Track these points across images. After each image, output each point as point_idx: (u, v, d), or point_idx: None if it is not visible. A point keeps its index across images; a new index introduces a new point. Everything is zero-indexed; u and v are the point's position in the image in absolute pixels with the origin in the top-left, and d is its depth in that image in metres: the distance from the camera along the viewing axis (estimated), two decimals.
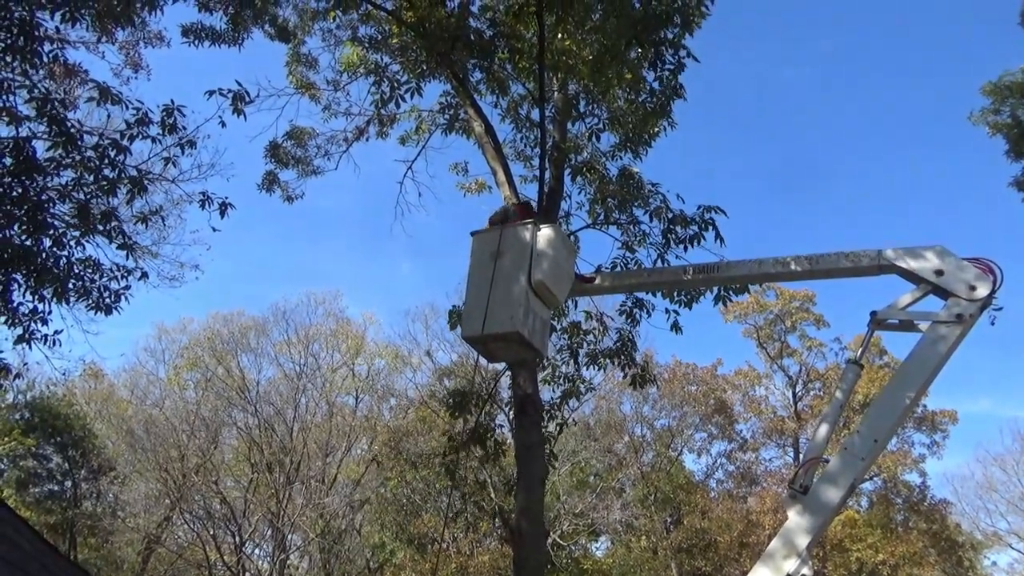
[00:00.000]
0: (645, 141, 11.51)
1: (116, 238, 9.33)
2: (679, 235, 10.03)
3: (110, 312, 9.62)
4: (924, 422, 31.70)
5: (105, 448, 33.04)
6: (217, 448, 32.29)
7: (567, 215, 12.45)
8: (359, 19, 12.78)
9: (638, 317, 11.74)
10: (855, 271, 7.65)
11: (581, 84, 10.70)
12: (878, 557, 28.76)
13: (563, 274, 7.57)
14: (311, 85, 14.03)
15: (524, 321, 6.92)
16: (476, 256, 7.44)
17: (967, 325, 6.75)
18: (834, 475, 6.70)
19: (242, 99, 8.89)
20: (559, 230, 8.11)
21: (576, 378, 12.12)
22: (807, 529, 6.53)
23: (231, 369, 32.31)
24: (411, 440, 29.74)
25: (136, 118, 8.58)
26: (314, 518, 29.91)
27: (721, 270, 8.41)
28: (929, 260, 7.09)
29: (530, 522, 8.90)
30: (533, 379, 10.11)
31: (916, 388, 6.89)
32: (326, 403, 33.65)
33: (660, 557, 30.85)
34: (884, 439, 6.96)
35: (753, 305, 32.93)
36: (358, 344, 35.11)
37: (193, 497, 30.49)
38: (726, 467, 35.17)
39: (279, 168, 14.30)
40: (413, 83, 11.09)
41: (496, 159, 11.54)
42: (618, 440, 34.63)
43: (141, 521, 31.67)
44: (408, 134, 13.71)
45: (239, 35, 12.01)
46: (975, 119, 15.92)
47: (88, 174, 8.73)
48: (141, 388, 36.21)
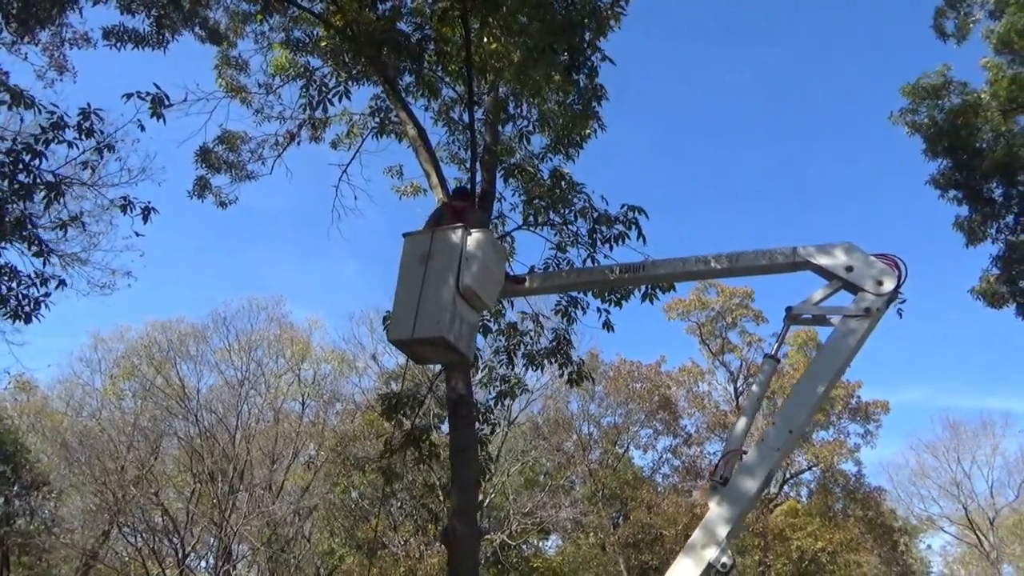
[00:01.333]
0: (576, 143, 11.68)
1: (33, 245, 9.06)
2: (604, 234, 10.20)
3: (29, 320, 9.33)
4: (858, 412, 32.80)
5: (39, 462, 31.84)
6: (158, 459, 31.50)
7: (501, 216, 12.54)
8: (289, 22, 12.66)
9: (574, 316, 11.89)
10: (772, 268, 7.91)
11: (510, 86, 10.79)
12: (817, 545, 29.66)
13: (492, 278, 7.64)
14: (242, 88, 13.83)
15: (450, 326, 6.98)
16: (407, 258, 7.48)
17: (874, 318, 7.05)
18: (751, 466, 6.91)
19: (161, 102, 8.72)
20: (490, 233, 8.18)
21: (512, 379, 12.20)
22: (727, 519, 6.72)
23: (170, 378, 31.56)
24: (358, 445, 29.48)
25: (51, 122, 8.35)
26: (260, 527, 29.42)
27: (646, 269, 8.61)
28: (839, 256, 7.38)
29: (464, 523, 8.93)
30: (467, 380, 10.15)
31: (828, 380, 7.16)
32: (271, 410, 33.15)
33: (608, 553, 31.23)
34: (799, 429, 7.19)
35: (695, 303, 33.62)
36: (303, 349, 34.70)
37: (133, 510, 29.66)
38: (672, 462, 35.85)
39: (211, 173, 14.06)
40: (341, 87, 11.03)
41: (429, 162, 11.54)
42: (567, 438, 34.95)
43: (78, 537, 30.71)
44: (340, 138, 13.64)
45: (162, 38, 11.77)
46: (895, 119, 16.56)
47: (2, 180, 8.46)
48: (76, 399, 35.15)
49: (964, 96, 15.95)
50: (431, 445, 11.30)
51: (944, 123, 16.01)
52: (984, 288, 16.56)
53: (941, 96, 15.94)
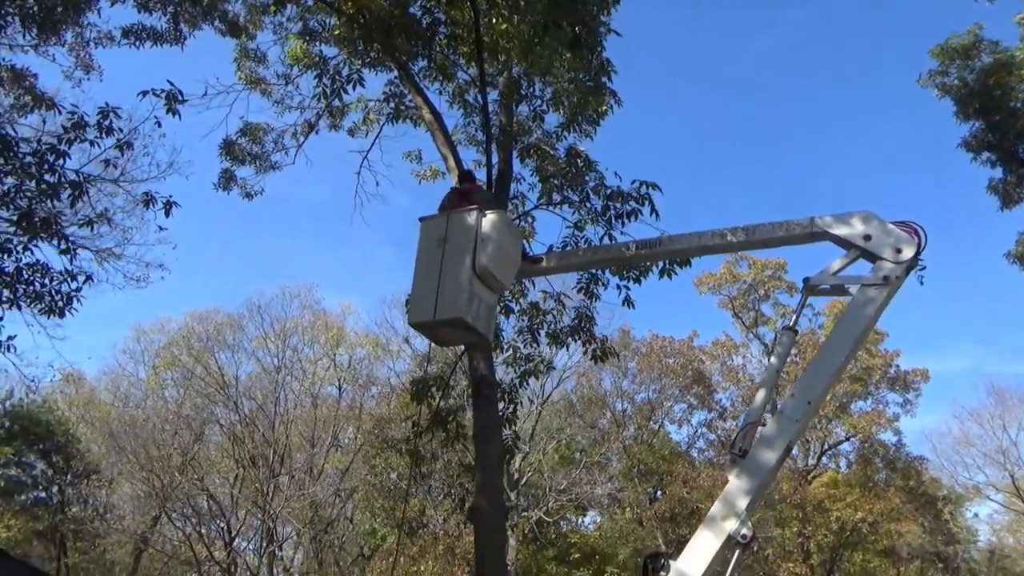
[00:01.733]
0: (592, 119, 11.62)
1: (60, 242, 9.35)
2: (618, 211, 10.16)
3: (63, 315, 9.69)
4: (897, 382, 32.25)
5: (89, 452, 33.02)
6: (201, 446, 32.34)
7: (520, 196, 12.57)
8: (303, 11, 12.74)
9: (596, 293, 11.89)
10: (789, 239, 7.83)
11: (521, 66, 10.76)
12: (857, 515, 29.36)
13: (508, 258, 7.71)
14: (261, 80, 13.96)
15: (468, 307, 7.08)
16: (423, 242, 7.58)
17: (894, 287, 6.95)
18: (770, 438, 6.90)
19: (175, 99, 8.89)
20: (504, 215, 8.23)
21: (536, 358, 12.27)
22: (746, 491, 6.74)
23: (210, 367, 32.30)
24: (395, 426, 29.90)
25: (72, 122, 8.57)
26: (302, 509, 30.11)
27: (663, 244, 8.59)
28: (857, 225, 7.28)
29: (489, 500, 9.08)
30: (488, 361, 10.25)
31: (847, 350, 7.10)
32: (309, 395, 33.78)
33: (646, 527, 31.33)
34: (817, 401, 7.16)
35: (726, 276, 33.27)
36: (338, 335, 35.20)
37: (180, 496, 30.57)
38: (707, 436, 35.70)
39: (235, 165, 14.27)
40: (355, 75, 11.10)
41: (446, 145, 11.59)
42: (601, 416, 35.02)
43: (129, 523, 31.76)
44: (357, 125, 13.73)
45: (180, 34, 11.95)
46: (923, 82, 16.11)
47: (28, 180, 8.73)
48: (122, 390, 36.22)
49: (996, 55, 15.44)
50: (458, 426, 11.45)
51: (975, 84, 15.54)
52: (1020, 251, 16.12)
53: (971, 56, 15.46)
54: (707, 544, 6.64)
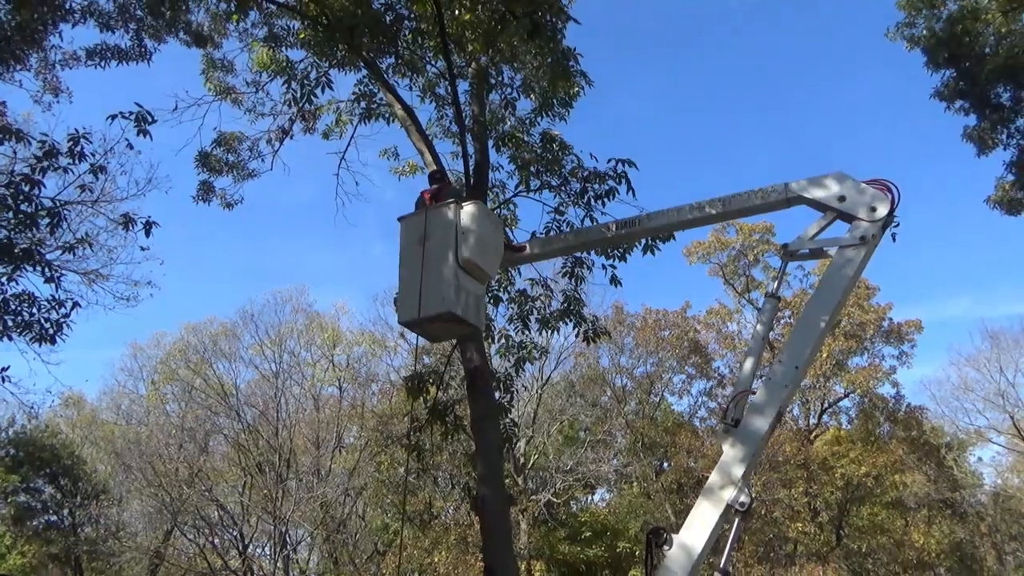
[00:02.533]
0: (565, 102, 11.63)
1: (44, 271, 9.36)
2: (596, 191, 10.22)
3: (53, 342, 9.71)
4: (891, 335, 32.46)
5: (96, 472, 33.11)
6: (207, 457, 32.44)
7: (500, 185, 12.61)
8: (266, 17, 12.66)
9: (581, 275, 11.97)
10: (766, 207, 7.93)
11: (488, 56, 10.76)
12: (861, 470, 29.65)
13: (491, 248, 7.77)
14: (231, 89, 13.90)
15: (456, 300, 7.16)
16: (405, 242, 7.64)
17: (871, 245, 7.04)
18: (761, 405, 7.02)
19: (144, 119, 8.87)
20: (482, 205, 8.27)
21: (527, 344, 12.36)
22: (741, 459, 6.86)
23: (209, 378, 32.34)
24: (399, 422, 30.03)
25: (44, 151, 8.56)
26: (313, 510, 30.28)
27: (642, 222, 8.67)
28: (831, 187, 7.36)
29: (492, 489, 9.20)
30: (481, 351, 10.33)
31: (829, 311, 7.19)
32: (311, 397, 33.85)
33: (654, 500, 31.61)
34: (805, 364, 7.27)
35: (715, 244, 33.36)
36: (334, 335, 35.22)
37: (190, 509, 30.68)
38: (708, 404, 35.91)
39: (213, 176, 14.23)
40: (324, 77, 11.08)
41: (421, 140, 11.61)
42: (602, 393, 35.20)
43: (142, 539, 31.90)
44: (330, 127, 13.71)
45: (145, 50, 11.88)
46: (891, 35, 16.12)
47: (5, 211, 8.73)
48: (124, 408, 36.29)
49: (961, 2, 15.45)
50: (455, 418, 11.54)
51: (944, 33, 15.53)
52: (1000, 196, 16.22)
53: (937, 5, 15.45)
54: (707, 515, 6.76)
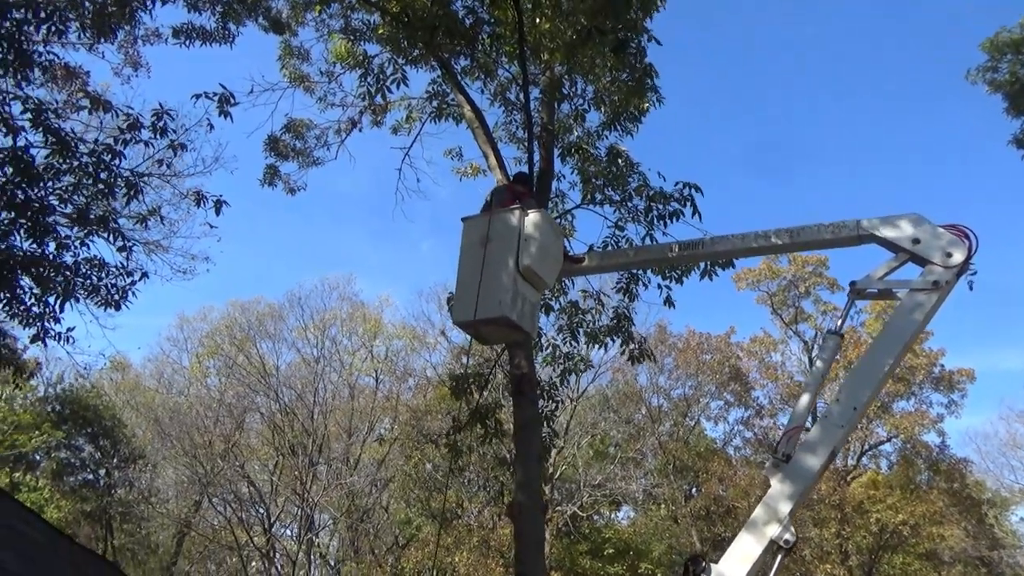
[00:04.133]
0: (633, 118, 11.56)
1: (116, 239, 9.66)
2: (660, 212, 10.12)
3: (119, 308, 9.99)
4: (941, 381, 31.54)
5: (135, 437, 33.94)
6: (242, 433, 33.04)
7: (561, 195, 12.60)
8: (345, 9, 12.87)
9: (635, 293, 11.88)
10: (835, 242, 7.76)
11: (564, 66, 10.76)
12: (898, 517, 28.83)
13: (551, 257, 7.75)
14: (305, 77, 14.16)
15: (512, 306, 7.14)
16: (466, 241, 7.65)
17: (944, 292, 6.85)
18: (814, 443, 6.86)
19: (227, 101, 9.08)
20: (546, 214, 8.28)
21: (575, 356, 12.30)
22: (789, 496, 6.71)
23: (251, 356, 32.95)
24: (432, 418, 30.21)
25: (128, 123, 8.83)
26: (340, 497, 30.62)
27: (705, 246, 8.56)
28: (905, 229, 7.18)
29: (528, 497, 9.15)
30: (529, 359, 10.30)
31: (894, 355, 7.00)
32: (347, 385, 34.24)
33: (681, 524, 31.20)
34: (863, 406, 7.08)
35: (765, 272, 32.84)
36: (375, 326, 35.59)
37: (221, 482, 31.29)
38: (744, 434, 35.37)
39: (279, 161, 14.52)
40: (399, 73, 11.21)
41: (487, 143, 11.65)
42: (636, 411, 34.90)
43: (173, 506, 32.65)
44: (400, 123, 13.85)
45: (229, 33, 12.17)
46: (972, 77, 15.69)
47: (86, 179, 9.03)
48: (166, 377, 37.15)
49: None
50: (497, 423, 11.54)
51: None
52: None
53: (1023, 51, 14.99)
54: (749, 548, 6.63)
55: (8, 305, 8.95)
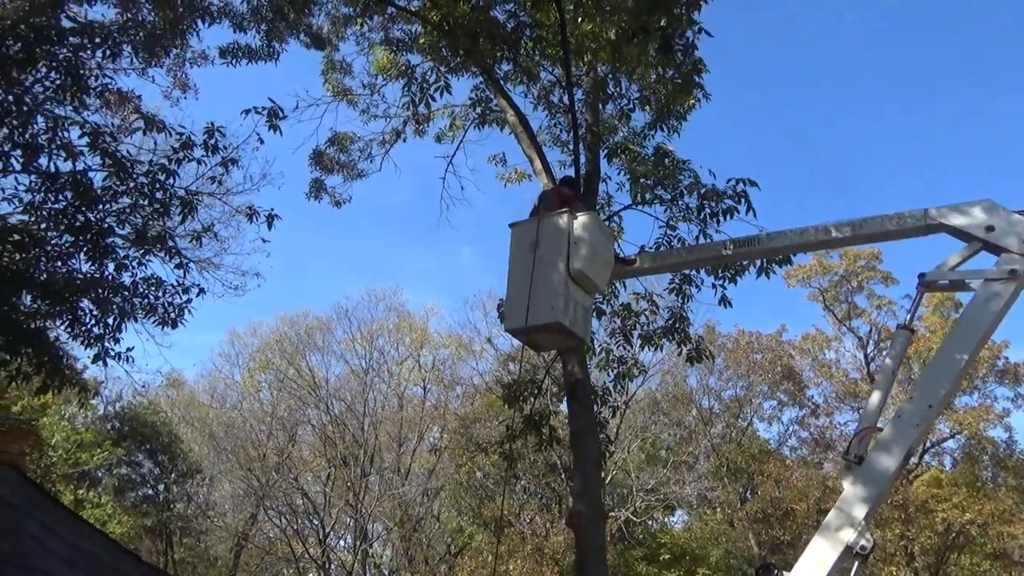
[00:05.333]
0: (680, 116, 11.37)
1: (173, 258, 9.83)
2: (713, 209, 9.91)
3: (175, 326, 10.18)
4: (1006, 375, 30.36)
5: (191, 452, 34.64)
6: (295, 445, 33.49)
7: (608, 196, 12.45)
8: (387, 21, 12.96)
9: (688, 293, 11.67)
10: (901, 233, 7.52)
11: (608, 65, 10.63)
12: (965, 517, 27.80)
13: (602, 260, 7.63)
14: (347, 91, 14.32)
15: (564, 311, 7.05)
16: (515, 248, 7.59)
17: (1022, 280, 6.55)
18: (888, 443, 6.62)
19: (276, 115, 9.19)
20: (595, 216, 8.16)
21: (629, 360, 12.12)
22: (864, 499, 6.49)
23: (301, 369, 33.40)
24: (480, 426, 30.20)
25: (180, 142, 8.99)
26: (392, 507, 30.78)
27: (761, 242, 8.35)
28: (977, 216, 6.92)
29: (588, 505, 9.01)
30: (582, 364, 10.18)
31: (970, 349, 6.74)
32: (395, 396, 34.48)
33: (737, 528, 30.60)
34: (939, 403, 6.82)
35: (816, 268, 32.07)
36: (422, 336, 35.77)
37: (276, 494, 31.72)
38: (799, 434, 34.53)
39: (324, 174, 14.70)
40: (442, 81, 11.21)
41: (531, 147, 11.58)
42: (687, 413, 34.41)
43: (230, 520, 33.19)
44: (443, 131, 13.89)
45: (273, 50, 12.35)
46: None
47: (142, 199, 9.22)
48: (219, 392, 37.85)
49: None
50: (551, 429, 11.42)
51: None
52: None
53: None
54: (823, 555, 6.41)
55: (70, 327, 9.17)
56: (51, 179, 8.82)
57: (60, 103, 8.77)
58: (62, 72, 8.25)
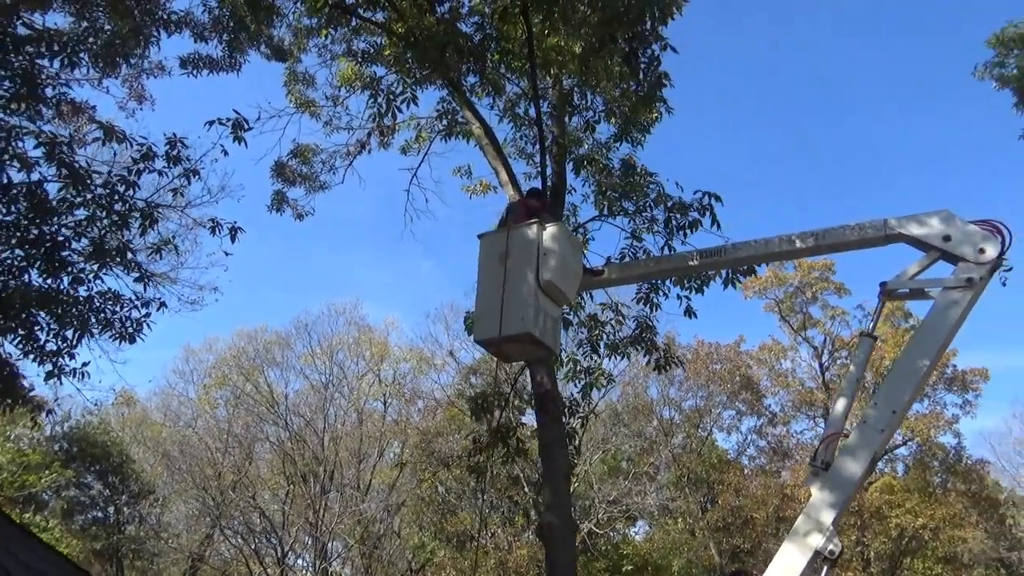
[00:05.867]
0: (643, 128, 11.52)
1: (132, 271, 9.57)
2: (679, 222, 10.05)
3: (133, 341, 9.88)
4: (955, 382, 31.33)
5: (143, 472, 33.62)
6: (252, 463, 32.74)
7: (574, 208, 12.54)
8: (351, 33, 12.89)
9: (656, 302, 11.77)
10: (862, 243, 7.67)
11: (574, 78, 10.73)
12: (918, 522, 28.54)
13: (571, 271, 7.65)
14: (311, 103, 14.19)
15: (535, 321, 7.03)
16: (484, 259, 7.55)
17: (978, 288, 6.76)
18: (854, 449, 6.74)
19: (241, 127, 9.04)
20: (564, 227, 8.18)
21: (596, 370, 12.17)
22: (831, 504, 6.58)
23: (259, 385, 32.72)
24: (442, 440, 29.96)
25: (141, 153, 8.78)
26: (352, 524, 30.27)
27: (727, 253, 8.45)
28: (935, 226, 7.10)
29: (558, 517, 9.00)
30: (551, 375, 10.19)
31: (931, 355, 6.91)
32: (355, 411, 33.98)
33: (698, 538, 30.86)
34: (903, 409, 6.97)
35: (772, 279, 32.74)
36: (382, 350, 35.38)
37: (232, 513, 30.94)
38: (757, 443, 35.12)
39: (286, 187, 14.51)
40: (408, 93, 11.18)
41: (497, 159, 11.60)
42: (647, 424, 34.63)
43: (184, 541, 32.25)
44: (408, 143, 13.84)
45: (235, 60, 12.17)
46: (980, 73, 15.66)
47: (100, 211, 8.96)
48: (173, 410, 36.75)
49: None
50: (519, 441, 11.39)
51: None
52: None
53: None
54: (793, 561, 6.48)
55: (24, 342, 8.84)
56: (3, 190, 8.53)
57: (14, 112, 8.49)
58: (17, 80, 7.98)
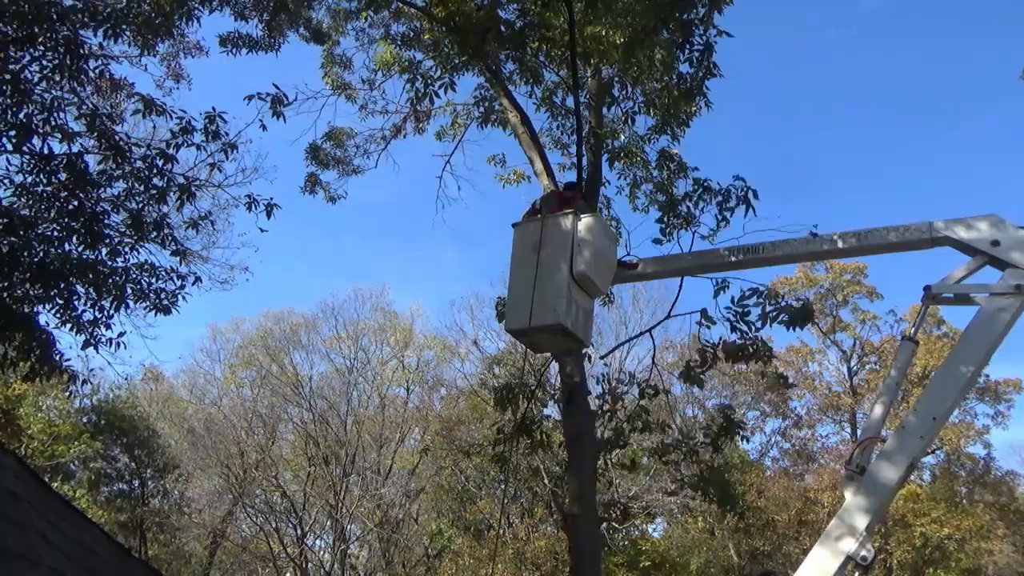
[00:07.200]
0: (682, 122, 11.34)
1: (169, 245, 9.66)
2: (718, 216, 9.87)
3: (168, 312, 9.96)
4: (987, 392, 30.76)
5: (169, 447, 34.17)
6: (275, 443, 33.12)
7: (608, 201, 12.41)
8: (391, 16, 12.87)
9: None
10: (906, 245, 7.50)
11: (614, 69, 10.59)
12: (943, 532, 28.09)
13: (605, 263, 7.56)
14: (347, 85, 14.20)
15: (567, 313, 6.96)
16: (518, 248, 7.48)
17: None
18: (891, 454, 6.59)
19: (280, 102, 9.06)
20: (600, 218, 8.09)
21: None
22: (865, 510, 6.45)
23: (284, 366, 33.06)
24: (463, 429, 30.01)
25: (180, 127, 8.85)
26: (371, 508, 30.50)
27: (767, 250, 8.29)
28: (983, 230, 6.92)
29: (583, 508, 8.96)
30: (580, 368, 10.11)
31: (975, 363, 6.74)
32: (378, 396, 34.21)
33: (718, 538, 30.64)
34: (943, 416, 6.81)
35: (802, 281, 32.31)
36: (406, 337, 35.54)
37: (254, 491, 31.34)
38: (781, 445, 34.71)
39: (320, 169, 14.56)
40: (447, 79, 11.12)
41: (533, 148, 11.52)
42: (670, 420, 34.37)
43: (206, 516, 32.73)
44: (444, 129, 13.82)
45: (275, 41, 12.20)
46: None
47: (139, 184, 9.04)
48: (199, 388, 37.34)
49: None
50: (543, 433, 11.32)
51: None
52: None
53: None
54: (823, 565, 6.37)
55: (61, 311, 8.96)
56: (44, 161, 8.62)
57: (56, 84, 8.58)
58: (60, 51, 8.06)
